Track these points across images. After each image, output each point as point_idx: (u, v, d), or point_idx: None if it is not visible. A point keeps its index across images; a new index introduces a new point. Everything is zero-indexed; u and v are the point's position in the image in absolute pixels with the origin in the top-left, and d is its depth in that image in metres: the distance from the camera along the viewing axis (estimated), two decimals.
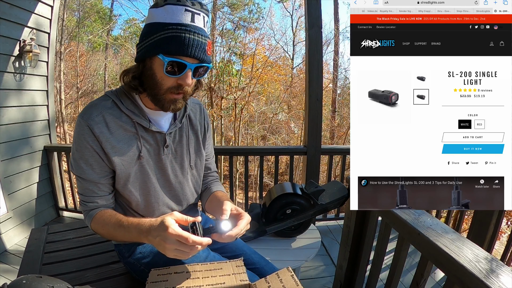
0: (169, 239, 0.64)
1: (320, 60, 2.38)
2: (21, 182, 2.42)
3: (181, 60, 0.72)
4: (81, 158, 0.80)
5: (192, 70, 0.74)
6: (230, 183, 2.78)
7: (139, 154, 0.82)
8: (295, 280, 0.70)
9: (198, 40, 0.72)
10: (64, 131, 10.25)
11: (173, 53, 0.71)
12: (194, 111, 0.96)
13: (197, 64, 0.74)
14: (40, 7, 2.43)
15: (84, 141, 0.78)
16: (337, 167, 8.32)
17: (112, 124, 0.79)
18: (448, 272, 0.82)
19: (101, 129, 0.77)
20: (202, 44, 0.73)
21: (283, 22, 19.59)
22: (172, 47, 0.71)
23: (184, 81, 0.75)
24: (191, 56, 0.72)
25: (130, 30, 12.18)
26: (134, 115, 0.81)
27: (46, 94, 2.66)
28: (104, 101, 0.81)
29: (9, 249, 2.21)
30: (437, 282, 1.88)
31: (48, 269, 1.05)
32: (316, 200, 1.60)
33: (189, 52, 0.71)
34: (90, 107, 0.79)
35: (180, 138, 0.90)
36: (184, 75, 0.74)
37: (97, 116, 0.78)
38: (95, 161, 0.80)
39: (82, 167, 0.80)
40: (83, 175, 0.80)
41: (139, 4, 18.45)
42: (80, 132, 0.78)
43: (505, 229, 5.10)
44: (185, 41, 0.71)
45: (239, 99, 10.16)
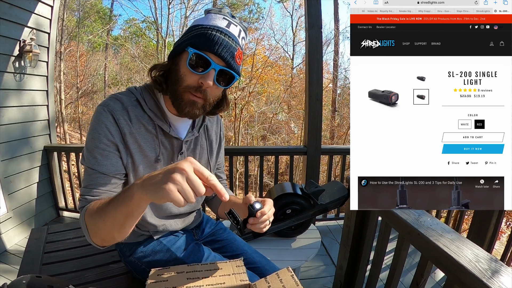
0: (186, 164, 0.50)
1: (320, 60, 2.38)
2: (21, 182, 2.42)
3: (206, 55, 0.70)
4: (97, 147, 0.73)
5: (216, 71, 0.71)
6: (230, 183, 2.78)
7: (157, 157, 0.80)
8: (295, 280, 0.70)
9: (227, 42, 0.71)
10: (64, 131, 10.25)
11: (201, 47, 0.71)
12: (211, 122, 0.97)
13: (222, 66, 0.72)
14: (40, 7, 2.43)
15: (105, 129, 0.72)
16: (337, 167, 8.32)
17: (135, 121, 0.77)
18: (448, 272, 0.82)
19: (126, 121, 0.75)
20: (231, 47, 0.72)
21: (283, 22, 19.63)
22: (200, 41, 0.71)
23: (205, 80, 0.71)
24: (217, 54, 0.70)
25: (130, 30, 12.20)
26: (156, 117, 0.79)
27: (46, 94, 2.66)
28: (128, 97, 0.78)
29: (9, 249, 2.21)
30: (437, 282, 1.88)
31: (48, 269, 1.05)
32: (316, 200, 1.60)
33: (215, 49, 0.70)
34: (114, 99, 0.76)
35: (195, 147, 0.90)
36: (206, 74, 0.71)
37: (122, 109, 0.75)
38: (112, 151, 0.74)
39: (96, 157, 0.73)
40: (96, 166, 0.73)
41: (139, 4, 18.49)
42: (101, 120, 0.73)
43: (505, 229, 5.10)
44: (214, 38, 0.70)
45: (239, 99, 10.15)
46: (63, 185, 2.80)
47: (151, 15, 11.41)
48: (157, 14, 10.89)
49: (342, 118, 11.56)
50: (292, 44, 12.32)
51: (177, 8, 11.56)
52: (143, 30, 11.97)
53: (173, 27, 11.03)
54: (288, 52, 12.39)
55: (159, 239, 0.92)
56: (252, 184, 9.57)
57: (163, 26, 11.13)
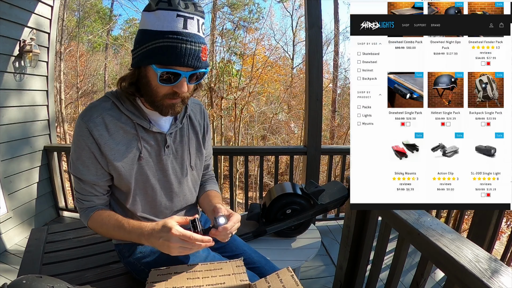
0: (173, 238, 0.68)
1: (320, 60, 2.38)
2: (21, 182, 2.42)
3: (175, 70, 0.71)
4: (79, 159, 0.80)
5: (187, 77, 0.73)
6: (230, 183, 2.78)
7: (139, 155, 0.82)
8: (295, 280, 0.70)
9: (191, 49, 0.69)
10: (64, 131, 10.25)
11: (166, 63, 0.70)
12: (195, 112, 0.96)
13: (191, 71, 0.73)
14: (40, 7, 2.43)
15: (82, 143, 0.78)
16: (337, 167, 8.32)
17: (111, 126, 0.79)
18: (448, 272, 0.82)
19: (100, 132, 0.77)
20: (196, 52, 0.70)
21: (283, 22, 19.60)
22: (164, 58, 0.69)
23: (179, 89, 0.74)
24: (184, 66, 0.70)
25: (130, 30, 12.19)
26: (134, 116, 0.81)
27: (46, 94, 2.66)
28: (104, 102, 0.81)
29: (9, 249, 2.21)
30: (437, 282, 1.88)
31: (48, 269, 1.05)
32: (316, 200, 1.60)
33: (182, 62, 0.69)
34: (90, 109, 0.79)
35: (181, 138, 0.90)
36: (179, 83, 0.73)
37: (97, 118, 0.77)
38: (92, 163, 0.80)
39: (79, 168, 0.81)
40: (80, 175, 0.81)
41: (139, 4, 18.34)
42: (79, 134, 0.78)
43: (505, 229, 5.10)
44: (178, 51, 0.68)
45: (239, 99, 10.15)
46: (63, 185, 2.80)
47: None
48: None
49: (342, 118, 11.56)
50: (292, 44, 12.33)
51: None
52: None
53: None
54: (288, 52, 12.40)
55: None
56: (252, 184, 9.57)
57: None
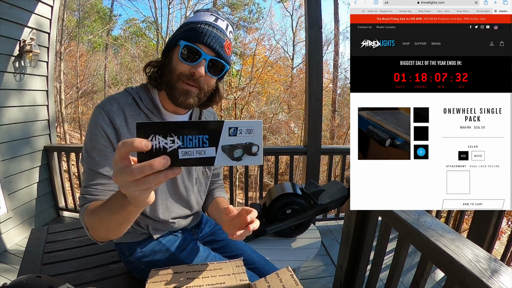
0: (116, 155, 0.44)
1: (320, 60, 2.38)
2: (21, 182, 2.42)
3: (197, 46, 0.74)
4: (95, 148, 0.75)
5: (206, 61, 0.75)
6: (230, 183, 2.78)
7: None
8: (294, 280, 0.70)
9: (215, 33, 0.76)
10: (64, 131, 10.25)
11: (191, 40, 0.75)
12: (208, 118, 0.98)
13: (212, 56, 0.76)
14: (40, 7, 2.44)
15: (101, 130, 0.75)
16: (337, 167, 8.32)
17: (130, 121, 0.79)
18: (448, 272, 0.82)
19: (121, 122, 0.77)
20: (219, 38, 0.76)
21: (283, 22, 19.64)
22: (190, 34, 0.75)
23: (197, 69, 0.75)
24: (206, 45, 0.74)
25: (130, 30, 12.20)
26: (152, 114, 0.82)
27: (46, 94, 2.66)
28: (125, 97, 0.81)
29: (9, 249, 2.22)
30: (437, 282, 1.88)
31: (48, 269, 1.05)
32: (316, 200, 1.60)
33: (204, 40, 0.74)
34: (111, 100, 0.79)
35: None
36: (198, 63, 0.75)
37: (118, 110, 0.78)
38: (110, 152, 0.76)
39: (95, 158, 0.75)
40: (94, 166, 0.75)
41: (139, 4, 18.51)
42: (98, 121, 0.75)
43: (505, 229, 5.10)
44: (203, 30, 0.75)
45: (239, 99, 10.16)
46: (63, 185, 2.80)
47: (151, 15, 11.44)
48: (157, 14, 10.93)
49: (342, 118, 11.56)
50: (292, 44, 12.33)
51: (177, 8, 11.58)
52: (143, 30, 11.98)
53: (173, 27, 11.04)
54: (288, 52, 12.40)
55: (158, 239, 0.92)
56: (252, 184, 9.57)
57: (163, 26, 11.16)
